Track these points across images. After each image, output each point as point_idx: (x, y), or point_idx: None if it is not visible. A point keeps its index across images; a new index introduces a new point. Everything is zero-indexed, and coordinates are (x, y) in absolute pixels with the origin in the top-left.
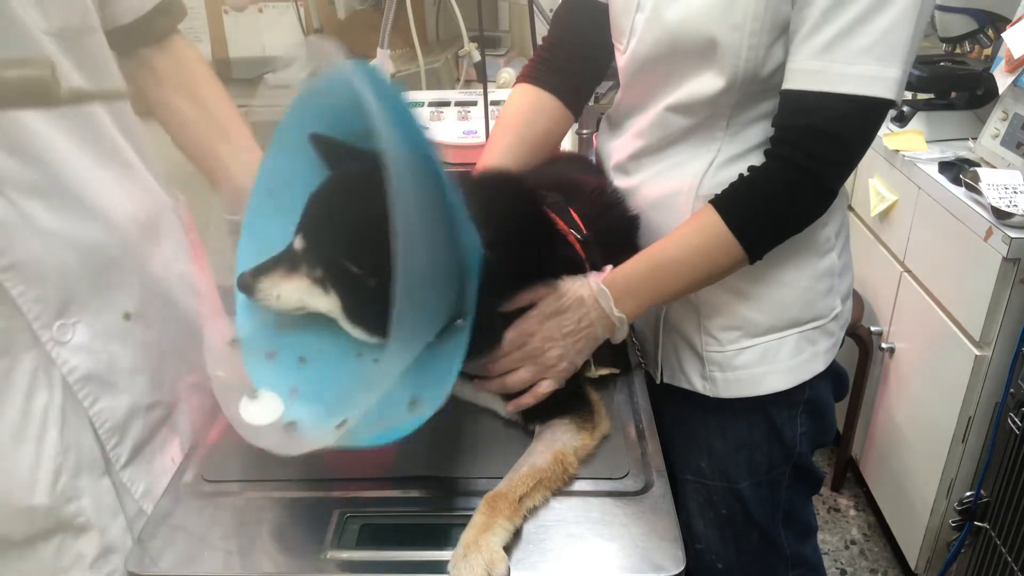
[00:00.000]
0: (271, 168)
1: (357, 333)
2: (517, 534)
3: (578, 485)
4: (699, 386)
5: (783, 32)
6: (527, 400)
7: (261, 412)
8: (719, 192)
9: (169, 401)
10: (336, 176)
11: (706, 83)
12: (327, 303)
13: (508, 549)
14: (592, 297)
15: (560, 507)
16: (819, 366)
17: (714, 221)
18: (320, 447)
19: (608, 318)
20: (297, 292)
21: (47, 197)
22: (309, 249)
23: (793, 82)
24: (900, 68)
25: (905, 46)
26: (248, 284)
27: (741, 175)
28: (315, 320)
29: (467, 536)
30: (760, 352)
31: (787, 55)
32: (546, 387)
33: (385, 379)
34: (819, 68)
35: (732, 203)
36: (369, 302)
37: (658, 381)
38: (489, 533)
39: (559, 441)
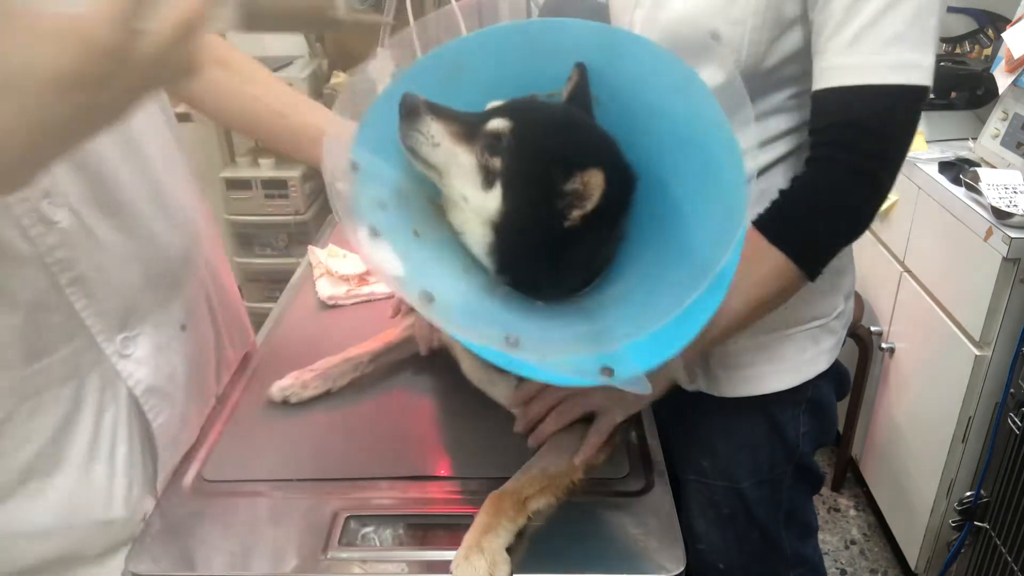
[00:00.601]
0: (467, 46)
1: (481, 249)
2: (520, 534)
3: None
4: (703, 386)
5: (787, 28)
6: (594, 442)
7: (382, 253)
8: (761, 213)
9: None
10: (591, 122)
11: (706, 77)
12: (476, 198)
13: (510, 550)
14: None
15: (560, 507)
16: (823, 364)
17: (762, 247)
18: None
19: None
20: (455, 159)
21: (109, 210)
22: (510, 139)
23: (824, 81)
24: (932, 54)
25: (933, 31)
26: (416, 109)
27: (781, 191)
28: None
29: (470, 537)
30: (764, 351)
31: (794, 50)
32: (610, 422)
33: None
34: (849, 63)
35: (778, 224)
36: (530, 237)
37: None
38: (492, 534)
39: (573, 450)
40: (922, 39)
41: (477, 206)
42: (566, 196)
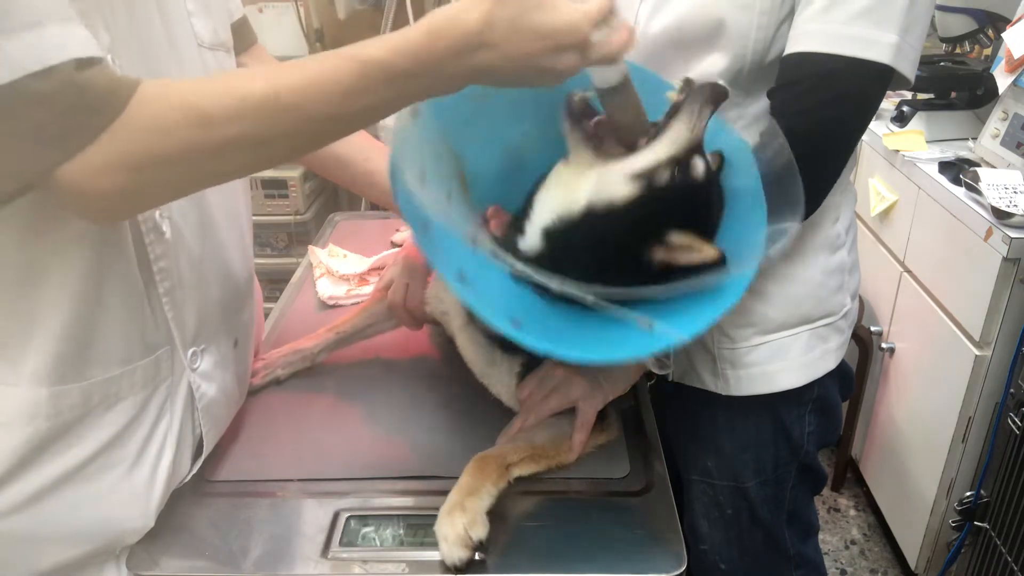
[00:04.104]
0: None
1: (557, 210)
2: (517, 533)
3: (578, 485)
4: (711, 384)
5: (790, 12)
6: (580, 438)
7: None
8: None
9: None
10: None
11: (713, 65)
12: (581, 185)
13: (491, 514)
14: None
15: (560, 507)
16: (830, 363)
17: None
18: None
19: None
20: (582, 142)
21: (200, 227)
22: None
23: (791, 47)
24: (896, 34)
25: (901, 13)
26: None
27: None
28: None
29: (453, 496)
30: (772, 349)
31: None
32: (592, 410)
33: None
34: (815, 30)
35: None
36: (608, 231)
37: (670, 379)
38: (475, 497)
39: (564, 432)
40: (888, 16)
41: (607, 182)
42: (666, 243)
